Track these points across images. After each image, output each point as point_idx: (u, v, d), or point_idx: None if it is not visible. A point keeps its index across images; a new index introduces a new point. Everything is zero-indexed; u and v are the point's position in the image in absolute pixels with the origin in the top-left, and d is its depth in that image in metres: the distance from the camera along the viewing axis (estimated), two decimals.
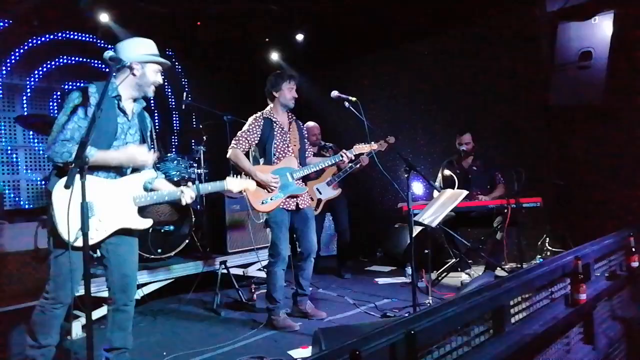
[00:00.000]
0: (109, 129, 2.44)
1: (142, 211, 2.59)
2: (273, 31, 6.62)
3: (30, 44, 5.86)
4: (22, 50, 5.80)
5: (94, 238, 2.39)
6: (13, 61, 5.75)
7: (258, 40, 6.81)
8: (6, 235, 3.39)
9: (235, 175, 2.93)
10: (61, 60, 6.06)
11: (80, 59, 6.15)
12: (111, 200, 2.45)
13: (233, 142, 3.62)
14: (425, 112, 6.22)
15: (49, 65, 5.98)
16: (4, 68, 5.68)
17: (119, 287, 2.58)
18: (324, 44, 6.57)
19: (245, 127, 3.65)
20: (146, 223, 2.58)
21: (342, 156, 3.75)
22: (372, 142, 3.85)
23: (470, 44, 5.61)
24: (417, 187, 5.92)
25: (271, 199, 3.58)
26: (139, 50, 2.53)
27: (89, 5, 5.34)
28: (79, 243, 2.25)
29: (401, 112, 6.48)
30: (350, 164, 4.58)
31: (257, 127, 3.64)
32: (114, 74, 2.39)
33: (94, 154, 2.31)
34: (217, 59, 7.17)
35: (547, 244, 5.05)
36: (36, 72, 5.90)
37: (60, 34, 6.01)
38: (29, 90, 5.85)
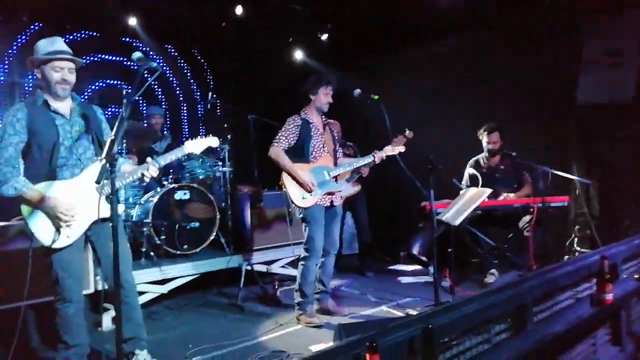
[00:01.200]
0: (49, 134, 2.50)
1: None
2: (297, 31, 6.66)
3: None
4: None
5: (70, 236, 2.48)
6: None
7: (282, 40, 6.86)
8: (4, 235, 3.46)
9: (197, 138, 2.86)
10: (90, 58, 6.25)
11: (109, 58, 6.33)
12: (77, 197, 2.50)
13: (274, 141, 3.73)
14: (449, 110, 6.14)
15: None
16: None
17: (113, 280, 2.62)
18: (348, 43, 6.58)
19: (284, 127, 3.76)
20: (119, 209, 2.67)
21: (374, 156, 3.83)
22: (395, 145, 3.89)
23: (496, 42, 5.51)
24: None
25: (311, 195, 3.68)
26: (35, 53, 2.54)
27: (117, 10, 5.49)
28: (59, 244, 2.44)
29: (424, 111, 6.41)
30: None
31: (295, 127, 3.74)
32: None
33: (19, 187, 2.41)
34: (242, 59, 7.27)
35: (575, 245, 4.94)
36: None
37: (83, 34, 6.19)
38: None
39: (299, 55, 6.97)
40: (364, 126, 6.12)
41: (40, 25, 5.79)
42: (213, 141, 2.86)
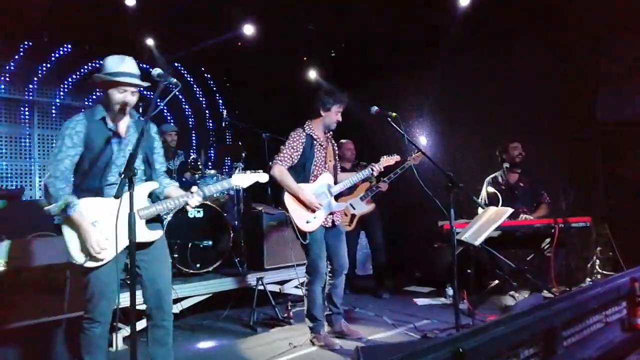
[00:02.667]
0: (102, 151, 2.49)
1: (152, 222, 2.60)
2: (311, 50, 6.73)
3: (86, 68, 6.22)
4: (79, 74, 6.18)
5: (105, 258, 2.43)
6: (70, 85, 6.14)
7: (297, 58, 6.93)
8: (53, 248, 3.52)
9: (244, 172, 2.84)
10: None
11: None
12: (113, 220, 2.34)
13: (277, 158, 3.62)
14: (466, 128, 6.12)
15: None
16: (61, 91, 6.06)
17: (154, 303, 2.60)
18: (360, 61, 6.62)
19: (288, 144, 3.65)
20: (156, 235, 2.60)
21: (371, 169, 3.79)
22: (396, 156, 3.89)
23: (514, 58, 5.51)
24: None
25: (315, 218, 3.60)
26: (104, 69, 2.51)
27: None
28: (90, 264, 2.40)
29: (440, 128, 6.41)
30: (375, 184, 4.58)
31: (299, 143, 3.64)
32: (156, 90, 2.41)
33: (75, 208, 2.37)
34: (256, 78, 7.36)
35: (597, 267, 4.82)
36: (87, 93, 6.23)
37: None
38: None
39: (312, 74, 7.02)
40: (377, 145, 6.10)
41: (64, 46, 5.95)
42: (262, 177, 2.83)
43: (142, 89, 2.54)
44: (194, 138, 7.32)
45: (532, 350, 1.65)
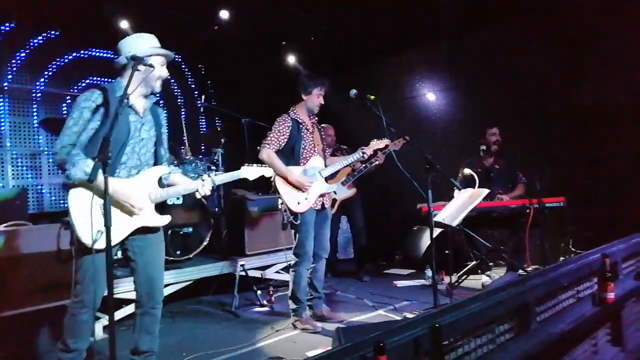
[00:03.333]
0: (122, 128, 2.40)
1: (161, 209, 2.60)
2: (290, 34, 6.65)
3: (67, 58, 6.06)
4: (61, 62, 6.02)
5: (113, 239, 2.32)
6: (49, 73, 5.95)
7: (275, 43, 6.84)
8: (29, 237, 3.46)
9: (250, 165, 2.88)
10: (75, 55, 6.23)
11: (98, 54, 6.31)
12: (128, 199, 2.43)
13: (264, 142, 3.66)
14: (445, 111, 6.17)
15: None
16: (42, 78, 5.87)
17: (146, 290, 2.56)
18: (341, 46, 6.58)
19: (274, 128, 3.68)
20: (164, 220, 2.58)
21: (362, 153, 3.82)
22: (387, 139, 3.90)
23: (497, 42, 5.54)
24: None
25: (305, 199, 3.63)
26: (141, 45, 2.47)
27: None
28: (100, 245, 2.26)
29: (421, 113, 6.44)
30: (365, 164, 4.58)
31: (286, 127, 3.68)
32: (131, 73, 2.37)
33: (88, 172, 2.17)
34: (234, 62, 7.25)
35: (570, 246, 4.95)
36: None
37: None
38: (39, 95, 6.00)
39: (292, 59, 6.95)
40: (357, 129, 6.08)
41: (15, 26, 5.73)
42: (268, 171, 2.88)
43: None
44: (184, 126, 7.21)
45: (507, 326, 1.70)
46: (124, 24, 5.76)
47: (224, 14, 5.88)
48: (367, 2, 5.58)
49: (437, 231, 4.86)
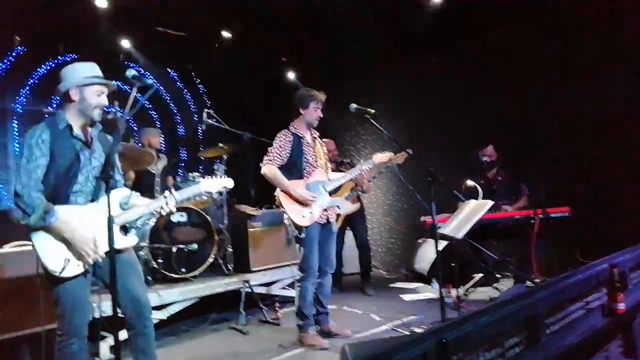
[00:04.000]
0: (69, 159, 2.43)
1: (125, 230, 2.56)
2: (289, 50, 6.72)
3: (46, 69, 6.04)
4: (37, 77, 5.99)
5: (80, 265, 2.35)
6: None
7: (275, 59, 6.91)
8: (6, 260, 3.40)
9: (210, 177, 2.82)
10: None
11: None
12: (91, 226, 2.39)
13: (266, 158, 3.64)
14: (444, 123, 6.17)
15: None
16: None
17: (133, 310, 2.51)
18: (339, 60, 6.62)
19: (276, 143, 3.68)
20: (131, 241, 2.57)
21: (367, 166, 3.80)
22: (389, 152, 3.89)
23: (488, 54, 5.58)
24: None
25: (310, 213, 3.61)
26: (76, 75, 2.50)
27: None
28: (68, 273, 2.30)
29: (418, 125, 6.44)
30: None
31: (287, 142, 3.67)
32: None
33: (51, 219, 2.28)
34: (234, 78, 7.31)
35: (577, 256, 4.89)
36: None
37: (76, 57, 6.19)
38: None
39: (291, 75, 7.02)
40: (360, 144, 6.11)
41: (25, 50, 5.78)
42: (228, 182, 2.81)
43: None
44: (183, 142, 7.23)
45: (516, 339, 1.66)
46: (126, 43, 5.85)
47: (226, 34, 5.96)
48: (361, 16, 5.62)
49: (442, 244, 4.84)
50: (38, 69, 5.77)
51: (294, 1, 5.46)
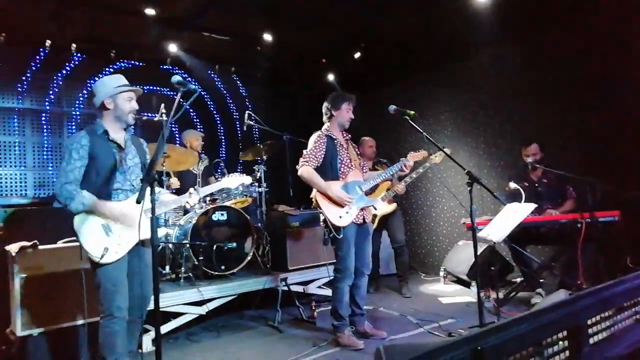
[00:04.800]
0: (108, 160, 2.75)
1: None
2: (330, 52, 6.71)
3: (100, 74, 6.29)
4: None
5: (118, 252, 2.67)
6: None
7: (315, 61, 6.93)
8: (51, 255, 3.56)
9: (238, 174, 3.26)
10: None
11: (150, 88, 6.55)
12: (128, 217, 2.72)
13: (302, 160, 3.69)
14: (488, 125, 6.01)
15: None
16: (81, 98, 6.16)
17: (137, 304, 2.78)
18: (380, 62, 6.57)
19: (311, 145, 3.72)
20: (160, 232, 2.91)
21: (402, 165, 3.78)
22: (424, 151, 3.91)
23: (539, 52, 5.38)
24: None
25: (347, 213, 3.62)
26: (106, 87, 2.81)
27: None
28: (109, 259, 2.62)
29: (462, 126, 6.31)
30: (407, 176, 4.51)
31: (322, 144, 3.71)
32: (99, 113, 2.83)
33: (86, 202, 2.62)
34: (276, 81, 7.40)
35: (628, 262, 4.64)
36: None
37: (126, 63, 6.42)
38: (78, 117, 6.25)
39: (331, 76, 7.02)
40: (398, 146, 6.02)
41: (84, 56, 6.07)
42: (246, 179, 3.24)
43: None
44: (223, 143, 7.37)
45: (557, 348, 1.59)
46: (173, 48, 6.02)
47: (268, 37, 6.03)
48: (404, 17, 5.54)
49: (483, 246, 4.70)
50: (94, 76, 6.02)
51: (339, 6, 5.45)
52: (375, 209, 5.01)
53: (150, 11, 5.25)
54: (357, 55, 6.55)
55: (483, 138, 6.07)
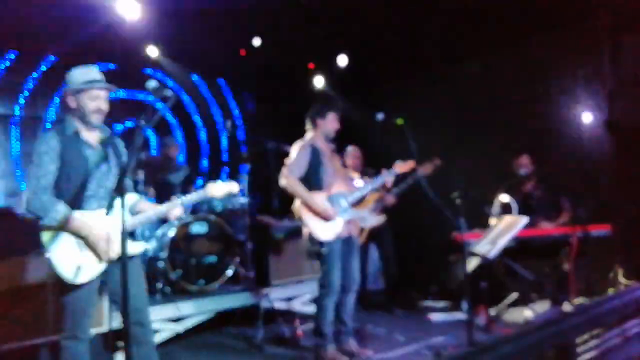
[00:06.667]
0: (80, 164, 2.55)
1: (132, 236, 2.73)
2: (317, 57, 6.77)
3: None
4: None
5: (93, 272, 2.51)
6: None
7: (302, 66, 6.98)
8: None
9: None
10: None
11: (127, 95, 6.54)
12: (102, 231, 2.52)
13: (285, 170, 3.67)
14: (478, 135, 6.09)
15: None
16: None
17: (136, 320, 2.59)
18: (369, 67, 6.65)
19: (294, 155, 3.70)
20: (140, 247, 2.71)
21: (388, 175, 3.85)
22: (411, 161, 3.91)
23: (526, 63, 5.49)
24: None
25: (331, 225, 3.63)
26: (72, 81, 2.59)
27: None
28: (80, 279, 2.45)
29: (451, 136, 6.38)
30: (396, 186, 4.56)
31: (305, 153, 3.70)
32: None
33: (59, 219, 2.41)
34: (262, 87, 7.43)
35: (620, 277, 4.74)
36: None
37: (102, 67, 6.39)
38: None
39: (319, 82, 7.06)
40: (387, 153, 6.05)
41: (57, 59, 6.02)
42: (234, 187, 2.93)
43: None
44: (204, 150, 7.35)
45: None
46: (153, 51, 6.01)
47: (256, 41, 6.07)
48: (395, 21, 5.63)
49: (475, 261, 4.76)
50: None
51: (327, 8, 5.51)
52: (364, 222, 5.04)
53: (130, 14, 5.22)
54: (344, 60, 6.61)
55: (474, 149, 6.15)
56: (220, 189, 2.87)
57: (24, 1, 4.99)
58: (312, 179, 3.68)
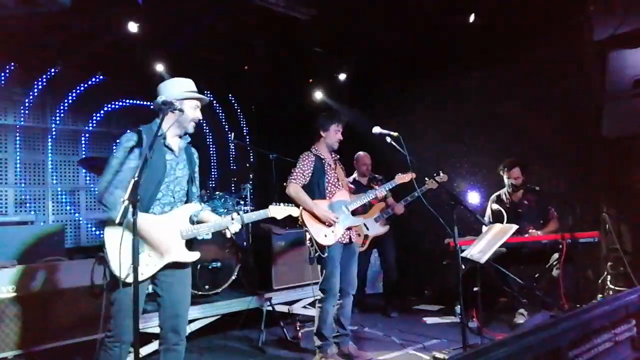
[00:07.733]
0: (159, 166, 2.51)
1: (190, 245, 2.63)
2: (317, 70, 6.77)
3: (84, 88, 6.23)
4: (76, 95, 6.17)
5: (144, 273, 2.43)
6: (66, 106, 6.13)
7: (303, 80, 6.98)
8: (63, 271, 3.53)
9: (277, 204, 2.94)
10: (116, 104, 6.45)
11: (134, 102, 6.53)
12: (160, 235, 2.49)
13: (291, 178, 3.68)
14: (472, 145, 6.07)
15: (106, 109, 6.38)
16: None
17: (171, 326, 2.56)
18: (368, 79, 6.63)
19: (299, 164, 3.72)
20: (194, 256, 2.61)
21: (388, 187, 3.89)
22: (411, 173, 3.92)
23: (517, 76, 5.48)
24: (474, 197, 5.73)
25: (332, 232, 3.61)
26: (176, 89, 2.60)
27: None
28: (131, 279, 2.29)
29: (446, 146, 6.36)
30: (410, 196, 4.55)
31: (309, 162, 3.72)
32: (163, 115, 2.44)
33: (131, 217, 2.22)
34: (264, 100, 7.43)
35: (608, 282, 4.69)
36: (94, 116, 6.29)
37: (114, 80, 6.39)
38: (87, 135, 6.23)
39: (319, 95, 7.05)
40: (391, 162, 6.02)
41: (64, 69, 5.99)
42: (294, 211, 2.96)
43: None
44: (213, 161, 7.32)
45: None
46: (159, 67, 6.00)
47: (259, 52, 6.06)
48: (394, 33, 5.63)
49: (466, 267, 4.71)
50: (75, 90, 5.98)
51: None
52: (368, 230, 5.02)
53: (133, 28, 5.17)
54: (343, 76, 6.61)
55: (467, 158, 6.13)
56: (282, 212, 2.89)
57: (32, 14, 4.98)
58: (315, 187, 3.70)
